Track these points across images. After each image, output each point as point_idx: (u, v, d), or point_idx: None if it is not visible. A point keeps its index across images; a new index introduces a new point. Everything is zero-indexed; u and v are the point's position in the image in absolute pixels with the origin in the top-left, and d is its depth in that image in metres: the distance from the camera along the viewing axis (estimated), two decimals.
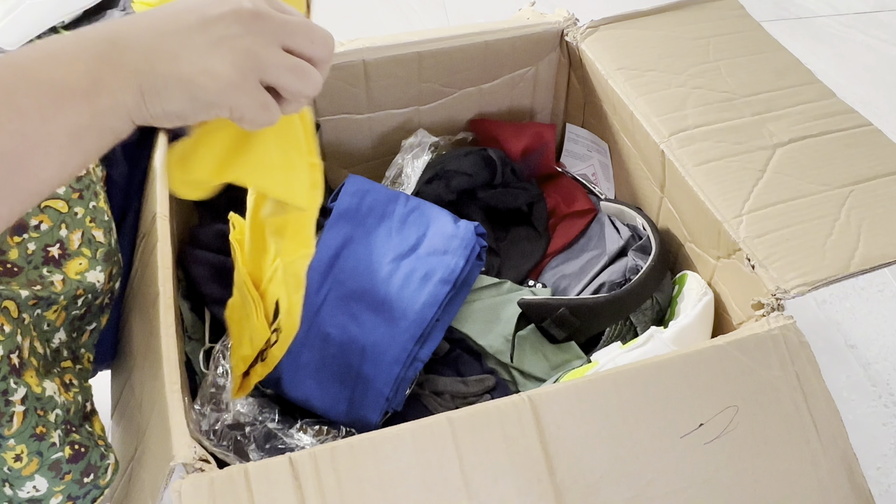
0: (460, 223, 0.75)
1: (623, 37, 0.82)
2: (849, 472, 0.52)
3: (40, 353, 0.53)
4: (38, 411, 0.49)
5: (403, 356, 0.66)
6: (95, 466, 0.52)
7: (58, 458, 0.50)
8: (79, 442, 0.52)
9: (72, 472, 0.51)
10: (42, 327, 0.53)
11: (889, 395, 0.89)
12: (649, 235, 0.73)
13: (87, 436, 0.53)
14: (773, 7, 1.58)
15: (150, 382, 0.54)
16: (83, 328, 0.60)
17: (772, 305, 0.57)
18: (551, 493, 0.48)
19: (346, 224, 0.74)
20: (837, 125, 0.70)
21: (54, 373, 0.54)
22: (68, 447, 0.51)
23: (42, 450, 0.49)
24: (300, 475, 0.46)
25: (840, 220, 0.62)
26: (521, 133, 0.89)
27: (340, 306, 0.69)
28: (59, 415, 0.51)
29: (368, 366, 0.66)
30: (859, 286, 1.01)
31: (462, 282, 0.72)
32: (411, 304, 0.68)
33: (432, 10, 1.57)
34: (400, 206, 0.77)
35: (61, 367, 0.55)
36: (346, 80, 0.82)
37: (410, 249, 0.73)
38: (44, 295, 0.52)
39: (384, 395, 0.65)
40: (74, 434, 0.52)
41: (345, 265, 0.72)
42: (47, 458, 0.49)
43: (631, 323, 0.72)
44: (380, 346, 0.66)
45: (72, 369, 0.56)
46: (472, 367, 0.72)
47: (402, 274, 0.71)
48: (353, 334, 0.67)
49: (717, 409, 0.52)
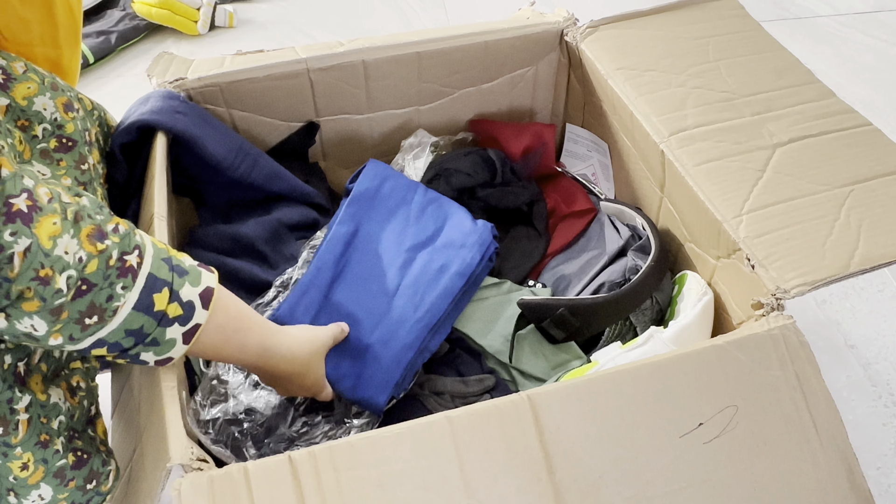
0: (478, 221, 0.76)
1: (623, 37, 0.82)
2: (848, 471, 0.52)
3: (54, 357, 0.53)
4: (42, 419, 0.49)
5: (417, 343, 0.67)
6: (97, 473, 0.53)
7: (62, 465, 0.50)
8: (81, 448, 0.52)
9: (75, 478, 0.51)
10: None
11: (889, 395, 0.88)
12: (649, 235, 0.73)
13: (89, 441, 0.53)
14: (773, 7, 1.58)
15: (149, 383, 0.54)
16: None
17: (772, 305, 0.57)
18: (551, 492, 0.48)
19: (365, 206, 0.75)
20: (837, 125, 0.70)
21: (62, 376, 0.54)
22: (71, 454, 0.51)
23: (47, 457, 0.49)
24: (300, 474, 0.46)
25: (840, 219, 0.62)
26: (521, 133, 0.89)
27: (356, 284, 0.70)
28: (62, 421, 0.51)
29: (381, 347, 0.66)
30: (859, 286, 1.01)
31: (474, 278, 0.72)
32: (427, 294, 0.69)
33: (432, 10, 1.57)
34: (419, 196, 0.77)
35: (70, 368, 0.55)
36: (346, 80, 0.82)
37: (428, 240, 0.74)
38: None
39: (394, 378, 0.65)
40: (77, 440, 0.52)
41: (362, 246, 0.72)
42: (52, 466, 0.49)
43: (631, 323, 0.71)
44: (394, 330, 0.67)
45: (80, 370, 0.56)
46: (472, 366, 0.72)
47: (420, 264, 0.72)
48: (368, 314, 0.68)
49: (717, 409, 0.52)
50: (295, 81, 0.81)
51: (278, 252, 0.75)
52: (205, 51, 1.46)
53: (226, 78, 0.78)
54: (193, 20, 1.47)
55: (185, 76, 0.77)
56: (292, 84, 0.81)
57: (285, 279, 0.71)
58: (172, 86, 0.76)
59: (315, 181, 0.86)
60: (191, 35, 1.49)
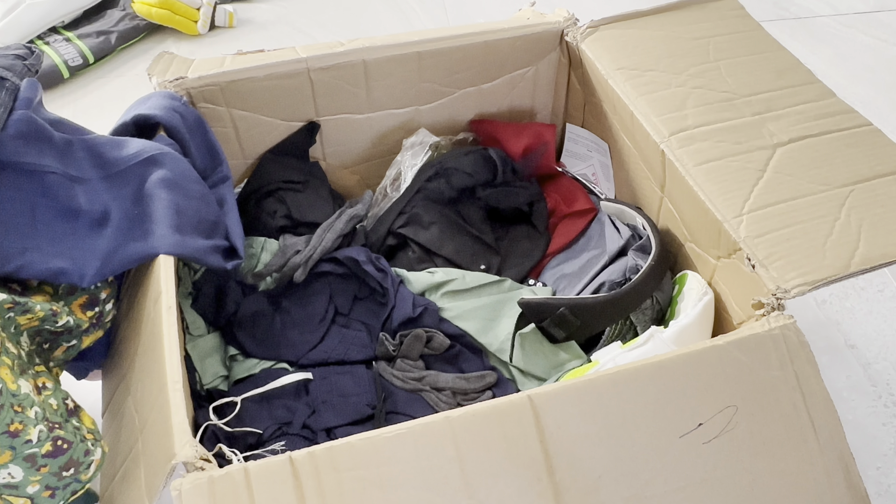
0: None
1: (623, 37, 0.82)
2: (845, 471, 0.52)
3: (13, 353, 0.52)
4: (15, 407, 0.49)
5: None
6: (77, 462, 0.52)
7: (33, 452, 0.50)
8: (63, 438, 0.51)
9: (49, 465, 0.51)
10: (10, 329, 0.53)
11: (889, 395, 0.89)
12: (649, 235, 0.73)
13: (72, 431, 0.53)
14: (773, 7, 1.58)
15: (150, 381, 0.54)
16: (58, 342, 0.60)
17: (772, 305, 0.57)
18: (551, 492, 0.49)
19: None
20: (837, 125, 0.70)
21: (29, 374, 0.53)
22: (49, 443, 0.50)
23: (16, 445, 0.49)
24: (300, 475, 0.46)
25: (840, 219, 0.62)
26: (522, 133, 0.89)
27: None
28: (38, 412, 0.50)
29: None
30: (859, 286, 1.01)
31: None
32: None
33: (432, 10, 1.57)
34: None
35: (35, 370, 0.55)
36: (346, 80, 0.82)
37: None
38: (21, 301, 0.53)
39: None
40: (59, 430, 0.52)
41: None
42: (20, 452, 0.49)
43: (631, 322, 0.72)
44: None
45: (46, 373, 0.56)
46: (473, 363, 0.72)
47: None
48: None
49: (717, 409, 0.52)
50: (295, 81, 0.81)
51: None
52: (205, 51, 1.45)
53: (226, 77, 0.78)
54: (193, 20, 1.47)
55: (185, 75, 0.77)
56: (292, 84, 0.81)
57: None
58: (173, 85, 0.76)
59: (315, 181, 0.86)
60: (191, 35, 1.49)
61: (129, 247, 0.60)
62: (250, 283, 0.77)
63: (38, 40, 1.37)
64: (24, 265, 0.56)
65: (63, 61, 1.33)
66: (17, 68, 0.58)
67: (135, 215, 0.62)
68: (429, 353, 0.72)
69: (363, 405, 0.68)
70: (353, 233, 0.81)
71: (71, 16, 1.43)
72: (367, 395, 0.69)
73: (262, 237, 0.79)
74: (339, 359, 0.73)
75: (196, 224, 0.64)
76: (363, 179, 0.94)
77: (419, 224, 0.82)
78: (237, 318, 0.74)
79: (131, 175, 0.64)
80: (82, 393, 0.66)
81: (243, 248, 0.69)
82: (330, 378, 0.70)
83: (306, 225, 0.81)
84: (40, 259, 0.56)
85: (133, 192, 0.63)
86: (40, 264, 0.56)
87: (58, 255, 0.57)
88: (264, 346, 0.73)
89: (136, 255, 0.60)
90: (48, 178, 0.58)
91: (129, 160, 0.64)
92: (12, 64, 0.58)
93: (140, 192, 0.63)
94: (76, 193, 0.59)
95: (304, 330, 0.75)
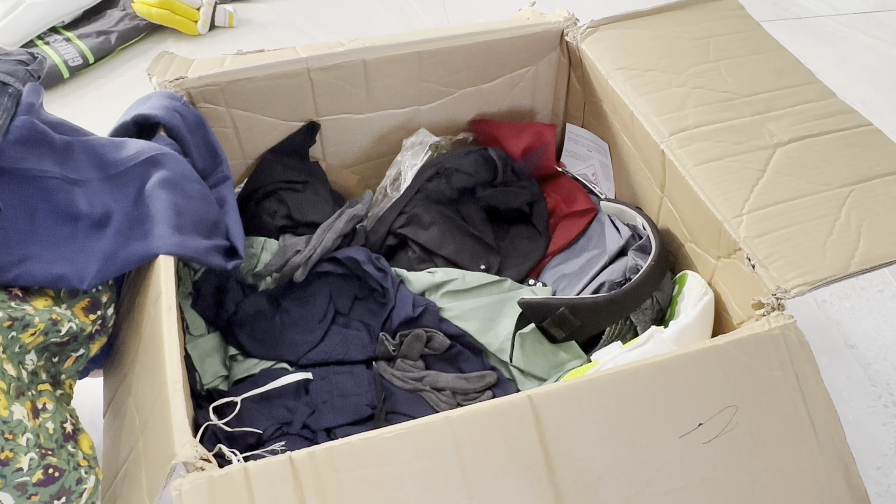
0: None
1: (623, 37, 0.82)
2: (845, 471, 0.52)
3: (11, 376, 0.51)
4: (6, 434, 0.48)
5: None
6: (69, 490, 0.52)
7: (23, 481, 0.49)
8: (54, 466, 0.51)
9: (39, 494, 0.50)
10: (14, 349, 0.53)
11: (889, 395, 0.89)
12: (649, 235, 0.73)
13: (66, 459, 0.52)
14: (773, 7, 1.58)
15: (151, 380, 0.54)
16: (67, 354, 0.59)
17: (772, 305, 0.57)
18: (550, 492, 0.49)
19: None
20: (837, 125, 0.70)
21: (27, 395, 0.53)
22: (41, 471, 0.50)
23: (6, 473, 0.48)
24: (300, 475, 0.46)
25: (840, 219, 0.62)
26: (522, 133, 0.89)
27: None
28: (29, 439, 0.50)
29: None
30: (859, 286, 1.01)
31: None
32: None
33: (432, 10, 1.57)
34: None
35: (37, 389, 0.55)
36: (346, 80, 0.82)
37: None
38: (17, 316, 0.52)
39: None
40: (51, 457, 0.51)
41: None
42: (11, 481, 0.49)
43: (631, 322, 0.72)
44: None
45: (50, 392, 0.55)
46: (473, 363, 0.72)
47: None
48: None
49: (717, 409, 0.52)
50: (295, 81, 0.81)
51: None
52: (205, 51, 1.46)
53: (226, 77, 0.78)
54: (193, 20, 1.47)
55: (185, 75, 0.77)
56: (292, 84, 0.81)
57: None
58: (173, 85, 0.76)
59: (315, 181, 0.86)
60: (191, 35, 1.49)
61: (129, 248, 0.60)
62: (250, 283, 0.77)
63: (38, 40, 1.37)
64: (23, 273, 0.55)
65: (63, 61, 1.33)
66: (19, 74, 0.58)
67: (135, 216, 0.62)
68: (429, 353, 0.73)
69: (363, 405, 0.68)
70: (353, 233, 0.81)
71: (71, 16, 1.43)
72: (367, 395, 0.69)
73: (262, 237, 0.78)
74: (339, 359, 0.73)
75: (196, 224, 0.64)
76: (363, 179, 0.94)
77: (419, 224, 0.82)
78: (237, 318, 0.74)
79: (131, 176, 0.64)
80: (83, 393, 0.66)
81: (243, 248, 0.69)
82: (330, 378, 0.71)
83: (306, 225, 0.81)
84: (39, 266, 0.56)
85: (133, 193, 0.63)
86: (40, 271, 0.56)
87: (57, 260, 0.57)
88: (264, 346, 0.73)
89: (136, 256, 0.60)
90: (48, 183, 0.58)
91: (128, 161, 0.64)
92: (15, 69, 0.58)
93: (140, 192, 0.63)
94: (76, 197, 0.59)
95: (304, 330, 0.75)
